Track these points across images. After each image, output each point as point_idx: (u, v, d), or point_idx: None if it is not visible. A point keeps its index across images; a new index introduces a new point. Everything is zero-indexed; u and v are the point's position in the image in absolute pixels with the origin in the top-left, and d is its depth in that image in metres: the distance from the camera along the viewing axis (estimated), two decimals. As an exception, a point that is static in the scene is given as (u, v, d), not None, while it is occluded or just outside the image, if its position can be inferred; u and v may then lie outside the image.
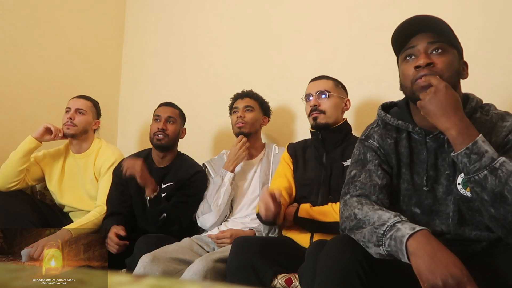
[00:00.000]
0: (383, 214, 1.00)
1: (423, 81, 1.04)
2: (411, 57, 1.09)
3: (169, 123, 1.97)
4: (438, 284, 0.83)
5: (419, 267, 0.88)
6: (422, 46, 1.07)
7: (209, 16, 2.62)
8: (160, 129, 1.93)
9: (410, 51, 1.09)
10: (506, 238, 1.00)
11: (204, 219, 1.84)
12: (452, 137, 0.98)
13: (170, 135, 1.95)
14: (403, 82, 1.12)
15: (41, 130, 1.97)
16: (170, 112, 1.99)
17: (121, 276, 0.44)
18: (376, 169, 1.14)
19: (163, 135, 1.93)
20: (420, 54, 1.07)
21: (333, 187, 1.57)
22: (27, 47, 2.36)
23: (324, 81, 1.69)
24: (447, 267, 0.85)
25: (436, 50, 1.07)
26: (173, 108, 2.02)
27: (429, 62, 1.05)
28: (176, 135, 2.00)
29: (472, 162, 0.95)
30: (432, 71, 1.04)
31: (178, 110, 2.05)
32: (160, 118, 1.97)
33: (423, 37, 1.08)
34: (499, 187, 0.93)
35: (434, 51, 1.07)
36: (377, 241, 0.96)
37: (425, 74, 1.04)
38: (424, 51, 1.07)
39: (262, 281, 1.31)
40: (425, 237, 0.90)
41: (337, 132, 1.65)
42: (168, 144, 1.95)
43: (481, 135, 0.97)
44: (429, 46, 1.07)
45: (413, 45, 1.09)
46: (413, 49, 1.09)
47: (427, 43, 1.07)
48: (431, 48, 1.07)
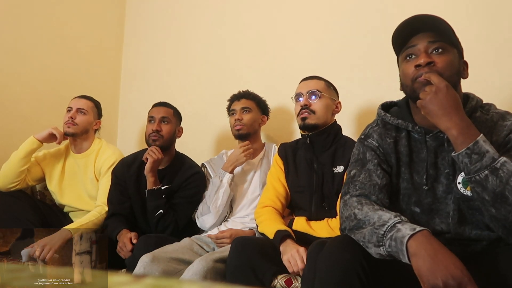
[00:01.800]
0: (383, 215, 0.99)
1: (423, 79, 1.04)
2: (411, 56, 1.10)
3: (163, 123, 1.94)
4: (439, 284, 0.83)
5: (419, 268, 0.87)
6: (423, 45, 1.07)
7: (209, 16, 2.62)
8: (154, 130, 1.90)
9: (411, 50, 1.09)
10: (507, 238, 1.00)
11: (203, 220, 1.84)
12: (453, 136, 0.98)
13: (165, 135, 1.92)
14: (403, 81, 1.12)
15: (46, 135, 1.97)
16: (163, 112, 1.96)
17: (121, 276, 0.44)
18: (376, 169, 1.14)
19: (157, 137, 1.90)
20: (420, 53, 1.07)
21: (326, 194, 1.55)
22: (27, 47, 2.36)
23: (316, 81, 1.66)
24: (447, 267, 0.85)
25: (436, 49, 1.07)
26: (166, 108, 1.99)
27: (429, 61, 1.05)
28: (172, 135, 1.97)
29: (473, 162, 0.95)
30: (432, 70, 1.04)
31: (172, 109, 2.01)
32: (154, 119, 1.94)
33: (424, 37, 1.08)
34: (500, 187, 0.93)
35: (434, 51, 1.07)
36: (377, 241, 0.96)
37: (425, 72, 1.04)
38: (425, 50, 1.07)
39: (261, 281, 1.31)
40: (426, 237, 0.90)
41: (325, 134, 1.61)
42: (163, 145, 1.92)
43: (482, 135, 0.97)
44: (429, 46, 1.07)
45: (413, 44, 1.09)
46: (414, 48, 1.09)
47: (427, 42, 1.07)
48: (432, 47, 1.07)
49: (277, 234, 1.42)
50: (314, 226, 1.49)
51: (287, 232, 1.43)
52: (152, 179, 1.85)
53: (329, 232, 1.44)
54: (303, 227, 1.50)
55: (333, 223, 1.46)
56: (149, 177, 1.84)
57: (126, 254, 1.68)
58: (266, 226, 1.52)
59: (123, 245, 1.70)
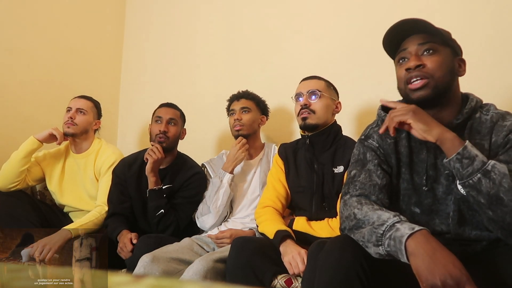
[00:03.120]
0: (382, 214, 1.00)
1: (414, 85, 1.08)
2: (404, 60, 1.13)
3: (171, 125, 1.94)
4: (437, 284, 0.83)
5: (418, 267, 0.88)
6: (413, 49, 1.10)
7: (209, 16, 2.62)
8: (162, 131, 1.90)
9: (403, 54, 1.13)
10: (506, 239, 1.00)
11: (203, 220, 1.84)
12: (442, 145, 1.01)
13: (171, 137, 1.93)
14: (398, 84, 1.16)
15: (46, 135, 1.97)
16: (171, 113, 1.97)
17: (121, 276, 0.44)
18: (376, 169, 1.14)
19: (164, 138, 1.91)
20: (411, 56, 1.10)
21: (327, 194, 1.55)
22: (27, 47, 2.36)
23: (316, 81, 1.66)
24: (446, 267, 0.85)
25: (427, 51, 1.09)
26: (174, 110, 2.00)
27: (418, 63, 1.08)
28: (177, 137, 1.99)
29: (464, 166, 0.97)
30: (423, 72, 1.07)
31: (179, 112, 2.03)
32: (161, 119, 1.94)
33: (414, 39, 1.11)
34: (494, 189, 0.93)
35: (425, 52, 1.09)
36: (376, 241, 0.96)
37: (416, 75, 1.07)
38: (415, 53, 1.09)
39: (261, 281, 1.31)
40: (424, 237, 0.91)
41: (326, 134, 1.61)
42: (169, 146, 1.93)
43: (468, 141, 1.00)
44: (420, 48, 1.10)
45: (404, 48, 1.13)
46: (405, 52, 1.12)
47: (417, 44, 1.10)
48: (422, 49, 1.09)
49: (277, 234, 1.43)
50: (314, 226, 1.49)
51: (287, 232, 1.43)
52: (154, 179, 1.85)
53: (330, 232, 1.44)
54: (304, 227, 1.50)
55: (333, 223, 1.47)
56: (151, 177, 1.85)
57: (127, 255, 1.68)
58: (266, 226, 1.52)
59: (124, 246, 1.70)
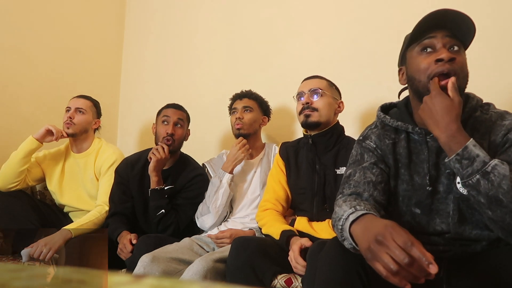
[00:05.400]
0: (346, 209, 0.99)
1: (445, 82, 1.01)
2: (426, 49, 1.06)
3: (177, 126, 1.93)
4: (369, 246, 0.83)
5: (357, 240, 0.89)
6: (446, 40, 1.03)
7: (209, 16, 2.62)
8: (169, 134, 1.89)
9: (428, 42, 1.05)
10: (506, 239, 1.00)
11: (203, 220, 1.83)
12: (443, 144, 0.99)
13: (177, 139, 1.93)
14: (415, 76, 1.07)
15: (43, 132, 1.96)
16: (179, 115, 1.95)
17: (121, 276, 0.44)
18: (371, 167, 1.13)
19: (171, 141, 1.89)
20: (440, 47, 1.03)
21: (328, 196, 1.54)
22: (27, 47, 2.36)
23: (318, 80, 1.66)
24: (373, 230, 0.84)
25: (452, 47, 1.04)
26: (181, 111, 1.98)
27: (452, 56, 1.01)
28: (183, 139, 1.98)
29: (464, 167, 0.95)
30: (453, 67, 1.02)
31: (186, 113, 2.01)
32: (168, 120, 1.92)
33: (442, 31, 1.04)
34: (493, 191, 0.92)
35: (450, 48, 1.04)
36: (340, 236, 0.97)
37: (448, 69, 1.01)
38: (443, 45, 1.03)
39: (261, 281, 1.31)
40: (368, 218, 0.91)
41: (329, 134, 1.60)
42: (175, 149, 1.93)
43: (472, 139, 0.96)
44: (447, 41, 1.04)
45: (431, 36, 1.04)
46: (431, 40, 1.05)
47: (445, 36, 1.04)
48: (449, 43, 1.04)
49: (283, 234, 1.44)
50: (315, 227, 1.49)
51: (292, 232, 1.44)
52: (156, 179, 1.84)
53: (331, 233, 1.43)
54: (305, 228, 1.50)
55: None
56: (153, 176, 1.84)
57: (126, 256, 1.68)
58: (271, 227, 1.52)
59: (123, 247, 1.70)
